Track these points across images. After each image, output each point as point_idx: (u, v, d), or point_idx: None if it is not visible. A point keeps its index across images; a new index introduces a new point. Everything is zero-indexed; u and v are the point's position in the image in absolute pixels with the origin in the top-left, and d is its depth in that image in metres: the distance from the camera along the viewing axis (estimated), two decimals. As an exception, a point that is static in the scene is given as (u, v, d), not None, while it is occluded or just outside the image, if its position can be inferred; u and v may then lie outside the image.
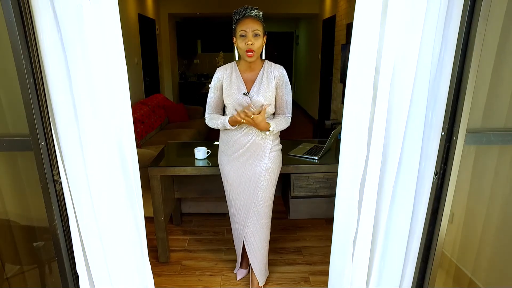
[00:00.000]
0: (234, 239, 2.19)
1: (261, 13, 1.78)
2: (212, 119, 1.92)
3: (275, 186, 2.01)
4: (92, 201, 1.39)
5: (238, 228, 2.06)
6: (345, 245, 1.55)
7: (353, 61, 1.32)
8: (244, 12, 1.74)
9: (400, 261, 1.52)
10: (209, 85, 1.91)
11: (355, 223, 1.49)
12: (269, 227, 2.08)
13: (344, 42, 5.17)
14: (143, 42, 5.44)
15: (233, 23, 1.80)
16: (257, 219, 1.99)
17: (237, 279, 2.27)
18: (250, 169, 1.91)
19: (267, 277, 2.29)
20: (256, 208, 1.96)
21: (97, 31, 1.22)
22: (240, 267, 2.31)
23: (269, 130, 1.81)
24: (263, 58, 1.86)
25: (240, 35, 1.72)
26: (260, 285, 2.15)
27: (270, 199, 2.00)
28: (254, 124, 1.76)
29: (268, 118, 1.88)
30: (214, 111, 1.95)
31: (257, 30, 1.71)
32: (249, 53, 1.73)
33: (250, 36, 1.70)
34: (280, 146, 2.01)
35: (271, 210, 2.04)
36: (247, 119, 1.73)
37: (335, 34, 5.66)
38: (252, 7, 1.76)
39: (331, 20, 5.82)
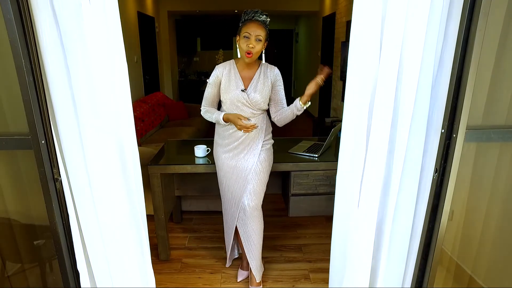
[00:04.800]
0: (224, 231, 2.22)
1: (269, 19, 1.87)
2: (207, 112, 2.03)
3: (267, 179, 2.05)
4: (94, 200, 1.39)
5: (230, 219, 2.11)
6: (345, 244, 1.55)
7: (352, 57, 1.32)
8: (253, 14, 1.84)
9: (402, 260, 1.52)
10: (207, 80, 2.02)
11: (354, 221, 1.49)
12: (261, 222, 2.09)
13: (344, 39, 5.16)
14: (143, 40, 5.43)
15: (241, 21, 1.89)
16: (250, 212, 2.01)
17: (238, 280, 2.26)
18: (243, 161, 1.99)
19: (267, 275, 2.30)
20: (249, 201, 1.99)
21: (97, 30, 1.21)
22: (241, 268, 2.31)
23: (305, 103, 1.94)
24: (263, 60, 1.96)
25: (244, 36, 1.82)
26: (257, 281, 2.15)
27: (262, 191, 2.03)
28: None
29: (262, 115, 2.00)
30: (210, 105, 2.05)
31: (260, 35, 1.82)
32: (248, 55, 1.84)
33: (253, 40, 1.81)
34: (272, 142, 2.10)
35: (261, 202, 2.06)
36: (243, 126, 1.87)
37: (335, 31, 5.65)
38: (262, 12, 1.85)
39: (331, 18, 5.80)
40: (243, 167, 1.99)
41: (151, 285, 1.64)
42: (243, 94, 1.90)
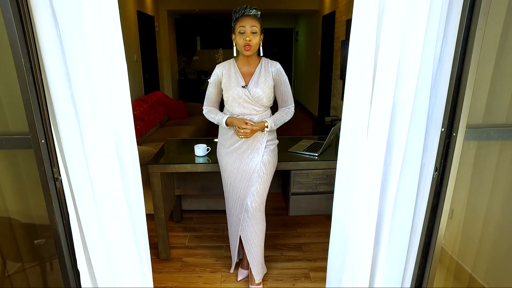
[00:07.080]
0: (229, 234, 2.21)
1: (259, 12, 1.88)
2: (210, 113, 2.02)
3: (270, 182, 2.04)
4: (95, 199, 1.39)
5: (235, 221, 2.08)
6: (343, 243, 1.55)
7: (352, 56, 1.32)
8: (243, 11, 1.85)
9: (402, 259, 1.52)
10: (208, 80, 2.02)
11: (353, 220, 1.49)
12: (264, 223, 2.09)
13: (344, 38, 5.15)
14: (142, 39, 5.42)
15: (233, 21, 1.91)
16: (252, 213, 2.00)
17: (238, 279, 2.26)
18: (247, 161, 1.97)
19: (267, 274, 2.30)
20: (251, 202, 1.98)
21: (96, 29, 1.21)
22: (241, 267, 2.31)
23: (266, 127, 1.91)
24: (261, 55, 1.96)
25: (239, 32, 1.83)
26: (257, 282, 2.15)
27: (265, 193, 2.02)
28: (250, 133, 1.89)
29: (265, 112, 1.96)
30: (212, 105, 2.05)
31: (254, 27, 1.82)
32: (246, 47, 1.83)
33: (248, 32, 1.81)
34: (277, 142, 2.07)
35: (264, 204, 2.06)
36: (244, 131, 1.87)
37: (335, 30, 5.64)
38: (251, 7, 1.86)
39: (331, 16, 5.80)
40: (246, 168, 1.97)
41: (149, 285, 1.64)
42: (244, 91, 1.89)
